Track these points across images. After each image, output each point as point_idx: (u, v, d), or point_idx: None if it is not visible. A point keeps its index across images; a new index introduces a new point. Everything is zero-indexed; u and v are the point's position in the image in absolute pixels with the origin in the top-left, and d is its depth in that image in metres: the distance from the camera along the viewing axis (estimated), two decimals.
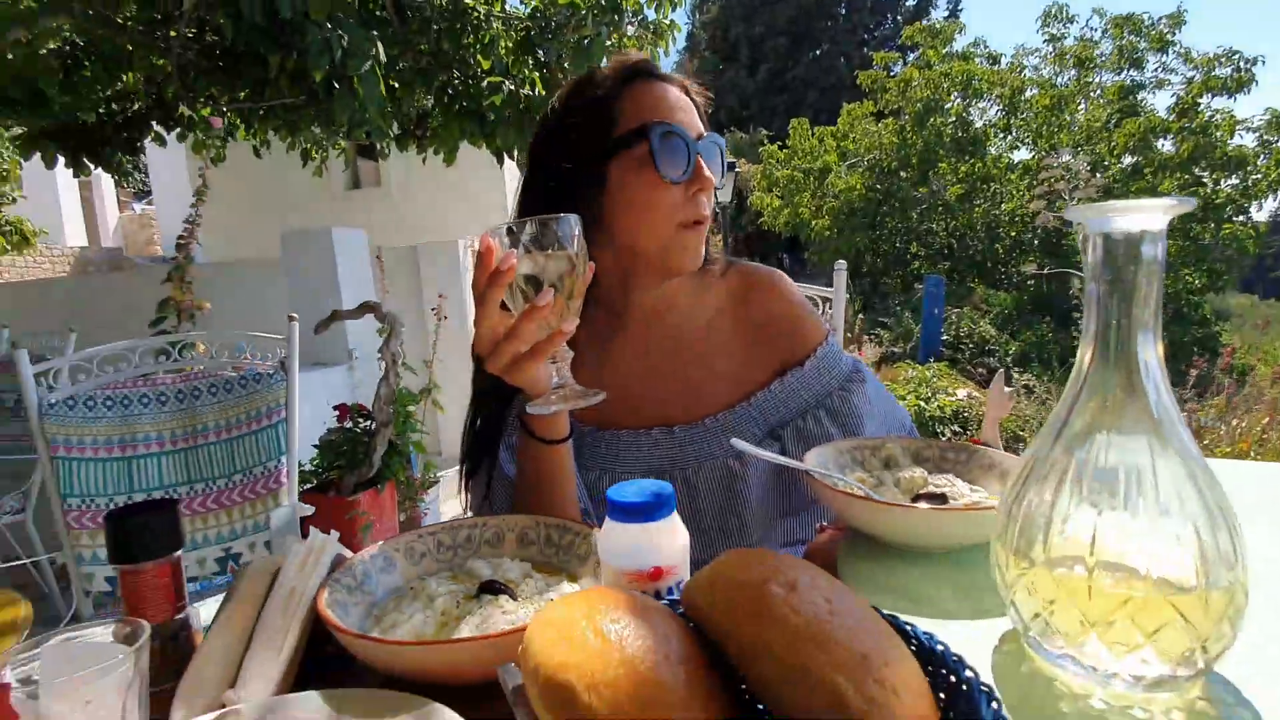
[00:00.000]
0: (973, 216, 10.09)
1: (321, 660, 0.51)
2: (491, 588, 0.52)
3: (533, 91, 3.46)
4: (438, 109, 3.56)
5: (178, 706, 0.44)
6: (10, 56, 2.86)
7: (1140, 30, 9.36)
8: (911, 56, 12.20)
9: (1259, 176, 8.32)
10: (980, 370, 7.40)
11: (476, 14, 3.32)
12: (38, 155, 3.59)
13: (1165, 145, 8.93)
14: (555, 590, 0.54)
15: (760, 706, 0.32)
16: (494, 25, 3.42)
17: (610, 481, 0.89)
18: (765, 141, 14.15)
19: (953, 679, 0.32)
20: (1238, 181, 8.48)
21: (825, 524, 0.89)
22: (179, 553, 0.50)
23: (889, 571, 0.58)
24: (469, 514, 1.02)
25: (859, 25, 21.13)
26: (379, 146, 3.48)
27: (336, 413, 2.49)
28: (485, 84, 3.41)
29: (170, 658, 0.49)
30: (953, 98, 10.45)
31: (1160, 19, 9.31)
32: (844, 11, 21.16)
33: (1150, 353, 0.42)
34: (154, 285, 3.13)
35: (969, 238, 10.43)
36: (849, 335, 8.42)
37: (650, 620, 0.30)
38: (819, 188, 11.19)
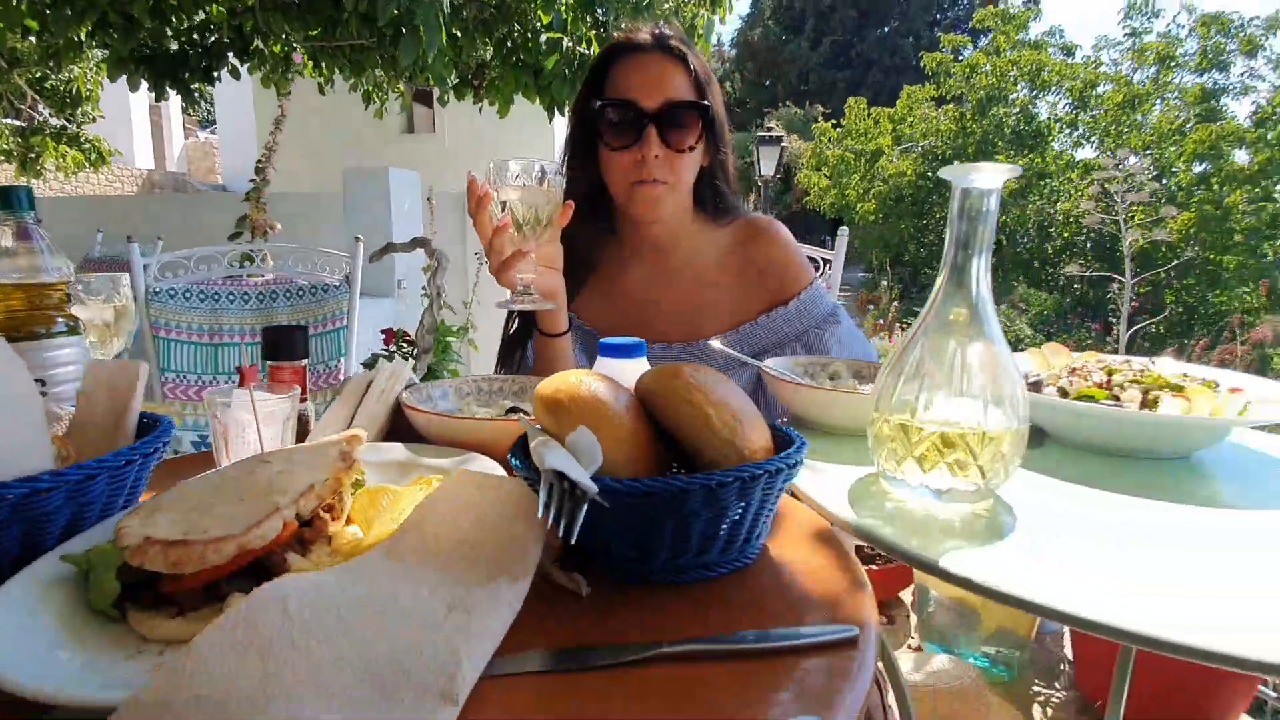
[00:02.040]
0: (1025, 213, 9.90)
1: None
2: (515, 410, 0.73)
3: (587, 50, 3.60)
4: (496, 61, 3.73)
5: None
6: None
7: (1229, 31, 8.91)
8: (982, 41, 11.81)
9: None
10: None
11: None
12: (123, 79, 3.87)
13: (1240, 156, 8.58)
14: None
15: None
16: None
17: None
18: (820, 118, 13.93)
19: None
20: None
21: None
22: (304, 363, 0.72)
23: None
24: None
25: (933, 3, 20.34)
26: (439, 94, 3.67)
27: (383, 336, 2.77)
28: (544, 40, 3.55)
29: (298, 430, 0.72)
30: (1019, 87, 10.15)
31: (1252, 20, 8.85)
32: None
33: (983, 280, 0.60)
34: (218, 208, 3.39)
35: (1019, 234, 10.23)
36: (883, 322, 8.45)
37: (613, 385, 0.50)
38: (869, 170, 11.06)
